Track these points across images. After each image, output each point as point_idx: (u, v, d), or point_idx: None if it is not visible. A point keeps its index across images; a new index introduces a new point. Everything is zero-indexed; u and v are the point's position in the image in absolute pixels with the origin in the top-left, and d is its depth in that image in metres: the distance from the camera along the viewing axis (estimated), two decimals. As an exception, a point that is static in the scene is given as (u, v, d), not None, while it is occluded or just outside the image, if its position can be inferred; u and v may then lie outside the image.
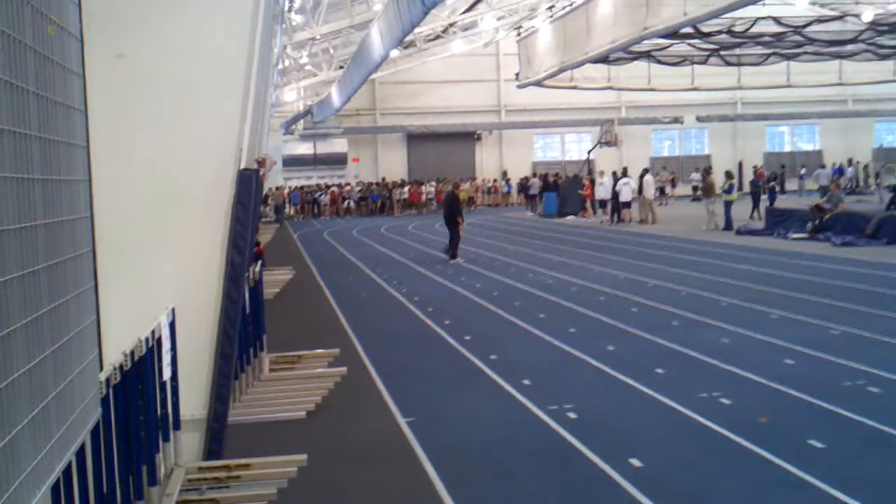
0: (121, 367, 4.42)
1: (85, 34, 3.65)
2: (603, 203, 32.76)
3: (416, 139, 49.41)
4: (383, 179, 47.29)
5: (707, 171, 29.46)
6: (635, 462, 6.32)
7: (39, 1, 2.83)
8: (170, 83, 6.28)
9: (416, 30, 28.47)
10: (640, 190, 31.05)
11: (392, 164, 49.36)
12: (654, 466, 6.27)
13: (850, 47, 32.68)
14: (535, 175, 44.74)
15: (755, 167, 36.99)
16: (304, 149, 48.85)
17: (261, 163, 10.51)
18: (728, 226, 25.59)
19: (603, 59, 30.14)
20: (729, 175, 27.52)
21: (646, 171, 32.08)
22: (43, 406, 2.76)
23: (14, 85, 2.54)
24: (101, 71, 5.73)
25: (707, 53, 32.80)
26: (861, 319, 11.30)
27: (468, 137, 50.14)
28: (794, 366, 9.10)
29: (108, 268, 5.50)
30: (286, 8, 23.98)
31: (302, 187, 47.13)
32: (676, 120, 50.61)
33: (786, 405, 7.70)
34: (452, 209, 20.98)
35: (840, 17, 31.71)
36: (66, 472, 3.26)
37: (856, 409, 7.38)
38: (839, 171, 43.50)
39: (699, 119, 51.16)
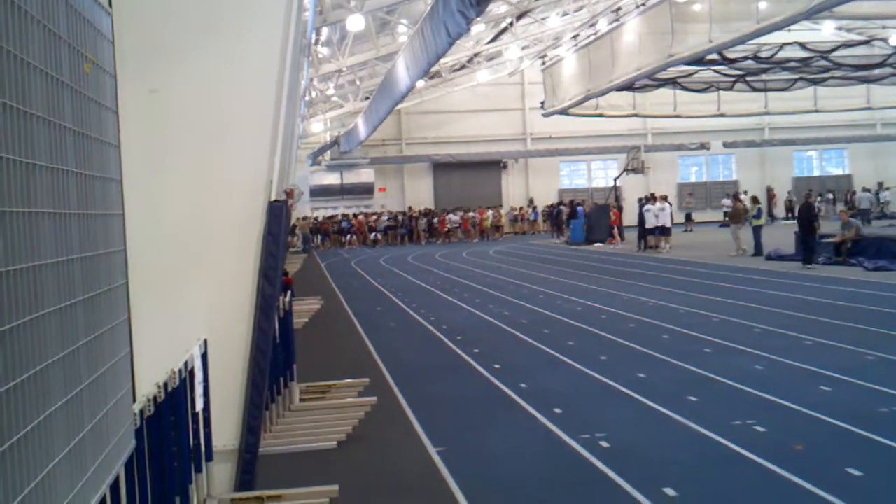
0: (154, 398, 4.45)
1: (118, 70, 3.70)
2: (651, 231, 30.38)
3: (442, 168, 49.59)
4: (410, 209, 47.42)
5: (736, 197, 29.17)
6: (669, 491, 6.24)
7: (76, 40, 2.88)
8: (201, 117, 6.37)
9: (442, 60, 28.65)
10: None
11: (418, 193, 49.54)
12: (688, 496, 6.18)
13: (877, 71, 32.50)
14: (560, 203, 44.73)
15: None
16: (331, 179, 49.13)
17: (289, 194, 10.59)
18: (758, 251, 25.36)
19: (628, 86, 30.14)
20: (755, 200, 27.32)
21: (660, 198, 31.74)
22: (79, 439, 2.77)
23: (52, 122, 2.59)
24: (134, 106, 5.82)
25: (733, 79, 32.73)
26: (896, 345, 11.13)
27: (494, 166, 50.25)
28: (830, 392, 8.97)
29: (141, 300, 5.54)
30: (313, 41, 24.26)
31: (331, 217, 47.19)
32: (703, 146, 50.42)
33: (822, 433, 7.58)
34: (810, 216, 21.91)
35: (867, 42, 31.60)
36: (101, 504, 3.26)
37: (893, 436, 7.25)
38: (878, 195, 43.15)
39: (726, 145, 50.98)
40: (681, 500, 6.11)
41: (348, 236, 45.27)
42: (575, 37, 32.84)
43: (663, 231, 30.06)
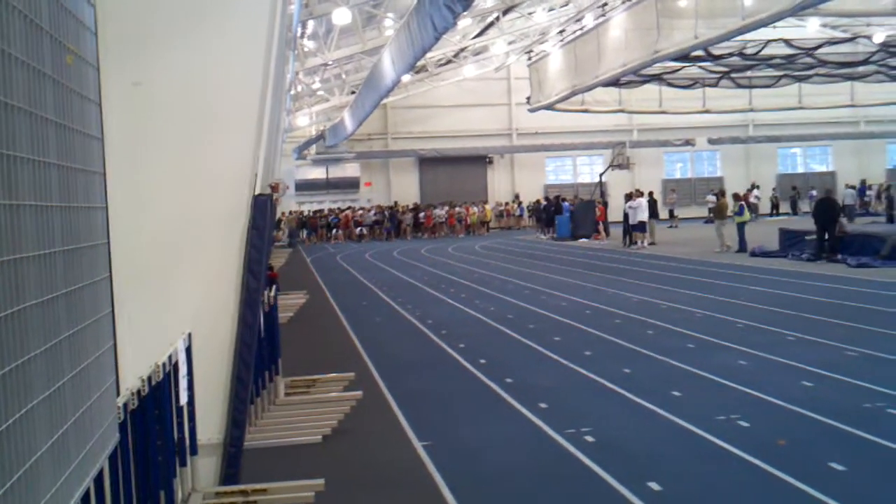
0: (138, 392, 4.42)
1: (101, 62, 3.67)
2: (635, 226, 30.30)
3: (428, 163, 49.56)
4: (395, 203, 47.33)
5: (721, 193, 29.30)
6: (654, 486, 6.26)
7: (58, 31, 2.86)
8: (185, 110, 6.32)
9: (428, 55, 28.62)
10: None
11: (404, 187, 49.47)
12: (672, 490, 6.21)
13: (861, 69, 32.72)
14: (546, 198, 44.81)
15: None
16: (317, 173, 49.08)
17: (274, 188, 10.56)
18: (742, 247, 25.47)
19: (614, 82, 30.19)
20: (737, 197, 27.44)
21: (641, 193, 31.73)
22: (62, 432, 2.76)
23: (34, 114, 2.56)
24: (117, 98, 5.77)
25: (718, 76, 32.85)
26: (879, 341, 11.20)
27: (480, 161, 50.26)
28: (813, 388, 9.02)
29: (124, 293, 5.51)
30: (298, 34, 24.18)
31: (317, 212, 47.04)
32: (688, 142, 50.60)
33: (805, 428, 7.63)
34: (830, 211, 22.30)
35: (851, 39, 31.80)
36: (85, 498, 3.25)
37: (875, 431, 7.30)
38: (862, 191, 43.33)
39: (711, 141, 51.16)
40: (665, 494, 6.14)
41: (334, 231, 45.17)
42: (561, 32, 32.85)
43: (641, 227, 30.15)
